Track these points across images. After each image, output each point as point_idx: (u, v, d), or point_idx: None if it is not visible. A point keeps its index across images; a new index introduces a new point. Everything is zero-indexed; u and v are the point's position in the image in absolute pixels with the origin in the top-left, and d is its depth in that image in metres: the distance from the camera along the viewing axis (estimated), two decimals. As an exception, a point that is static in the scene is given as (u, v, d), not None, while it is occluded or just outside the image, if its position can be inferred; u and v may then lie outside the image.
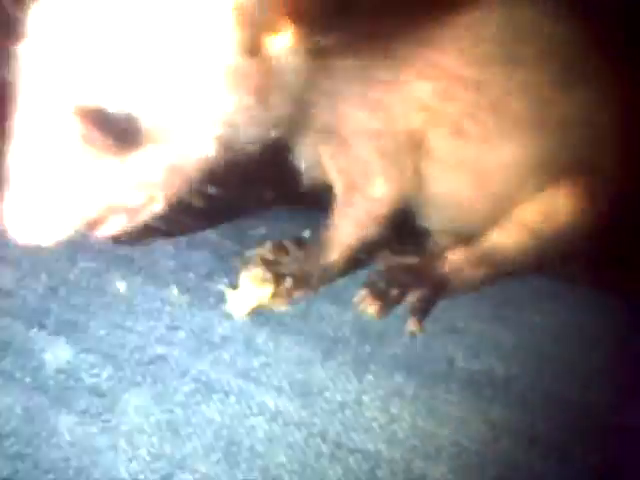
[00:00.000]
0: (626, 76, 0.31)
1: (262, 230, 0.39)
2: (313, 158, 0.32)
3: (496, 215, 0.34)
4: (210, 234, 0.37)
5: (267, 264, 0.36)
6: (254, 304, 0.34)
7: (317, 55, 0.25)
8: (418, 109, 0.30)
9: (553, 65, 0.30)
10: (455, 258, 0.36)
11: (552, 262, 0.36)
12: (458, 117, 0.30)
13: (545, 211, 0.33)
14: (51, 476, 0.30)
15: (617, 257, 0.40)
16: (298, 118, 0.29)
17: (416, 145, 0.31)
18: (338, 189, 0.33)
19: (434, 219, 0.35)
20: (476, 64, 0.29)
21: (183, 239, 0.38)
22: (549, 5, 0.31)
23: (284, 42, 0.25)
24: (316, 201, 0.34)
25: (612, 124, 0.31)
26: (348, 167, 0.32)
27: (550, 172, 0.32)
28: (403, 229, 0.37)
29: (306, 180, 0.33)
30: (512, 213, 0.33)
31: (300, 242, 0.38)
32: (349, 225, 0.34)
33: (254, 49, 0.25)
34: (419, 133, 0.31)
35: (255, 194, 0.34)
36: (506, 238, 0.34)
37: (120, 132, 0.24)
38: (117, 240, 0.32)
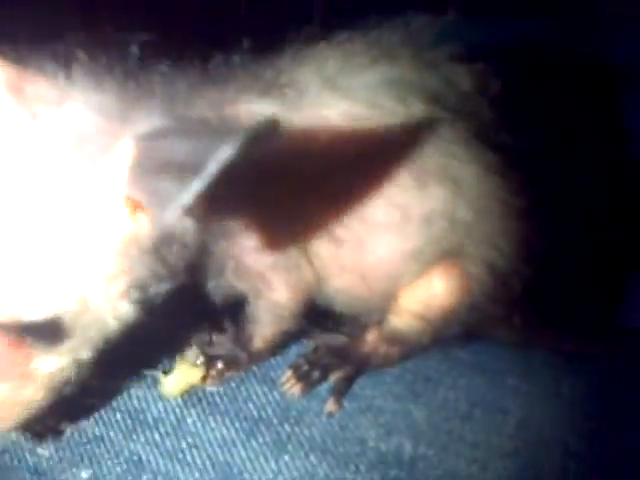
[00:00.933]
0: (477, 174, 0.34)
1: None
2: (221, 282, 0.35)
3: (388, 303, 0.37)
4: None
5: (202, 345, 0.39)
6: (186, 386, 0.37)
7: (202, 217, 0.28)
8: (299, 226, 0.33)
9: (408, 171, 0.33)
10: (372, 338, 0.39)
11: (454, 333, 0.39)
12: (332, 227, 0.33)
13: (424, 296, 0.36)
14: None
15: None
16: (198, 261, 0.32)
17: (304, 253, 0.34)
18: (250, 298, 0.36)
19: (342, 307, 0.38)
20: (338, 183, 0.32)
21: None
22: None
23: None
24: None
25: (469, 214, 0.34)
26: (251, 282, 0.35)
27: (422, 262, 0.35)
28: (327, 312, 0.40)
29: (221, 296, 0.36)
30: (398, 300, 0.36)
31: (236, 323, 0.41)
32: (265, 321, 0.37)
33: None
34: (303, 244, 0.34)
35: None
36: (400, 322, 0.37)
37: (45, 331, 0.27)
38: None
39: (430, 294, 0.37)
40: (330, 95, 0.33)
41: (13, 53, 0.28)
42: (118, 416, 0.37)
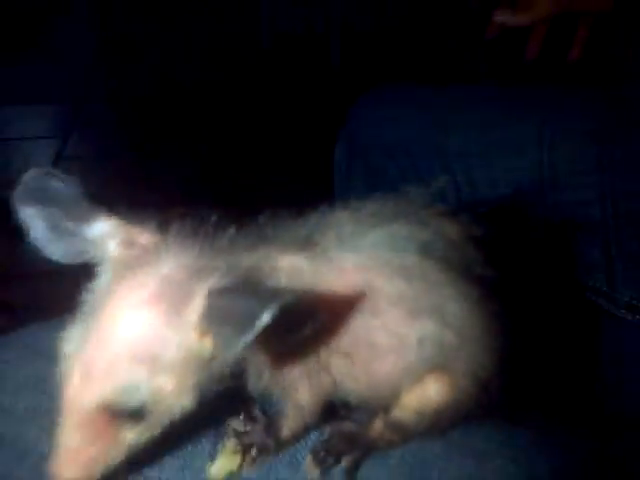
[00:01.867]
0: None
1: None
2: (258, 386, 0.45)
3: (392, 401, 0.46)
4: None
5: (238, 435, 0.48)
6: (228, 473, 0.46)
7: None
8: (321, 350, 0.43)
9: (405, 308, 0.43)
10: (378, 426, 0.48)
11: (446, 425, 0.48)
12: (346, 349, 0.43)
13: (420, 397, 0.46)
14: None
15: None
16: (242, 371, 0.42)
17: (324, 366, 0.43)
18: (280, 397, 0.46)
19: (353, 402, 0.48)
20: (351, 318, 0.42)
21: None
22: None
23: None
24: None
25: (454, 339, 0.43)
26: (282, 387, 0.44)
27: (417, 374, 0.45)
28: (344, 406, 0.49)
29: (256, 394, 0.46)
30: (400, 399, 0.46)
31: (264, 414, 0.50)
32: (291, 416, 0.46)
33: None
34: (324, 360, 0.44)
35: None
36: (401, 415, 0.46)
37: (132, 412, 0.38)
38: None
39: (425, 396, 0.46)
40: (344, 252, 0.42)
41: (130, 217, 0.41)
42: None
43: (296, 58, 2.94)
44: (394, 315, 0.43)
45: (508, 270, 0.45)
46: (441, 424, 0.47)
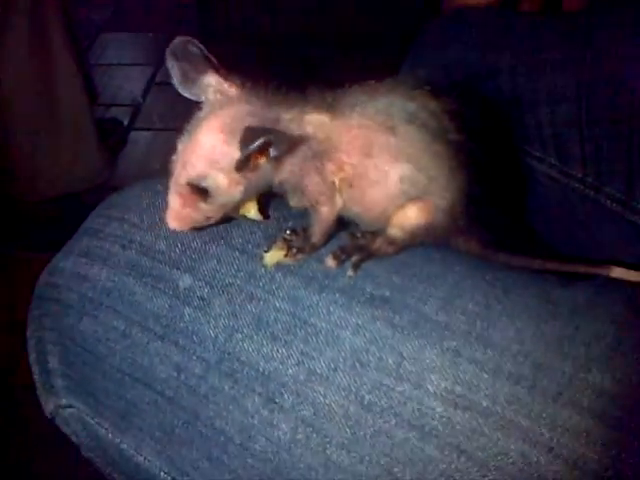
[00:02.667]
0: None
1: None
2: (294, 199, 0.68)
3: (385, 222, 0.68)
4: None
5: (284, 240, 0.72)
6: (277, 260, 0.71)
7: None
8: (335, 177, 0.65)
9: (390, 153, 0.64)
10: (378, 240, 0.70)
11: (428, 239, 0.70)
12: (352, 179, 0.65)
13: (404, 219, 0.66)
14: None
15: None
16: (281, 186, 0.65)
17: (336, 190, 0.66)
18: (310, 210, 0.69)
19: (360, 223, 0.70)
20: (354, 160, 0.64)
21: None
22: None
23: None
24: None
25: (425, 178, 0.65)
26: (310, 201, 0.67)
27: (400, 201, 0.65)
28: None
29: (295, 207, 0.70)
30: (390, 220, 0.67)
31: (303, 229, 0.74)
32: (317, 227, 0.69)
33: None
34: (335, 185, 0.65)
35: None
36: (392, 232, 0.67)
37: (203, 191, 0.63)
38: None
39: (407, 217, 0.67)
40: (354, 113, 0.65)
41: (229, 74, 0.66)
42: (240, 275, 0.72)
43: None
44: (382, 158, 0.65)
45: (475, 137, 0.66)
46: (421, 238, 0.70)
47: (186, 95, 0.67)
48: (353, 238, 0.73)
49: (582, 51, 0.91)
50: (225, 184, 0.63)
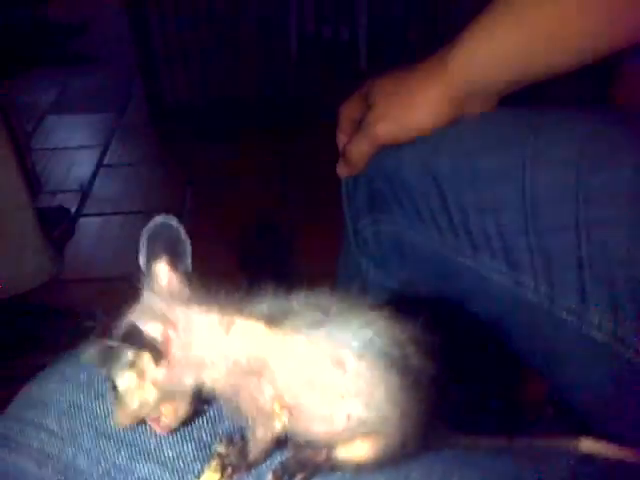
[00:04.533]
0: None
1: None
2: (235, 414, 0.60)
3: (333, 446, 0.61)
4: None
5: (219, 456, 0.65)
6: (209, 487, 0.63)
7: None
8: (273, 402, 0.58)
9: (336, 388, 0.57)
10: (322, 457, 0.63)
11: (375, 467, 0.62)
12: (291, 408, 0.58)
13: (351, 452, 0.59)
14: None
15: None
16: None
17: (275, 415, 0.59)
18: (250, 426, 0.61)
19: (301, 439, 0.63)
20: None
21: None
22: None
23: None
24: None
25: (376, 416, 0.58)
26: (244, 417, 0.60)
27: (347, 438, 0.59)
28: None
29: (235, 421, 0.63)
30: (339, 448, 0.60)
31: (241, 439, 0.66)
32: (254, 445, 0.61)
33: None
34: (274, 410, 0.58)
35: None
36: (338, 458, 0.62)
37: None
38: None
39: (354, 451, 0.60)
40: (301, 335, 0.56)
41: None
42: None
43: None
44: (328, 394, 0.57)
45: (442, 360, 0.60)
46: (369, 467, 0.62)
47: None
48: (296, 448, 0.65)
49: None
50: (134, 385, 0.58)
